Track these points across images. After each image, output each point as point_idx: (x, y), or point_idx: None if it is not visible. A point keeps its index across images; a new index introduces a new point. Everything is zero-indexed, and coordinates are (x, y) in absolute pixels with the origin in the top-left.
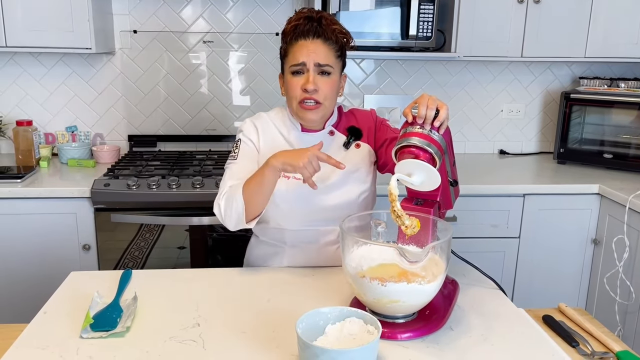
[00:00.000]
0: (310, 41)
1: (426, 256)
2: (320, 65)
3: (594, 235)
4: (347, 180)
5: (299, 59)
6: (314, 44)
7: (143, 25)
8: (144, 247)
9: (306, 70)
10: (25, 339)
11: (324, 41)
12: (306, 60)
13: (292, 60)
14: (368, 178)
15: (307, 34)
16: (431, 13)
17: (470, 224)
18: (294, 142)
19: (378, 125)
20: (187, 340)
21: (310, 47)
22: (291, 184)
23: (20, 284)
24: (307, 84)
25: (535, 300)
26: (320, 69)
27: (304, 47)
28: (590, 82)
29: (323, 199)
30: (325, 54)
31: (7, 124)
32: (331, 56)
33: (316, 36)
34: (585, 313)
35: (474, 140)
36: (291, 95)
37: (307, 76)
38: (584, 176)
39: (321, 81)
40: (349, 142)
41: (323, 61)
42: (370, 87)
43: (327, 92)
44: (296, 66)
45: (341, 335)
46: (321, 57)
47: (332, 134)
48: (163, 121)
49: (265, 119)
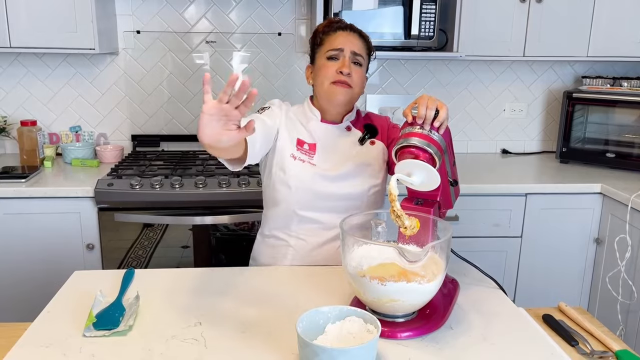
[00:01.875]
0: (347, 32)
1: (425, 256)
2: (355, 54)
3: (596, 235)
4: (360, 173)
5: (337, 45)
6: (351, 35)
7: (146, 25)
8: (148, 246)
9: (342, 56)
10: (28, 337)
11: (359, 36)
12: (344, 46)
13: (330, 46)
14: (380, 174)
15: (345, 28)
16: (433, 12)
17: (472, 224)
18: (313, 131)
19: (390, 127)
20: (189, 339)
21: (348, 37)
22: (305, 167)
23: (24, 283)
24: (344, 67)
25: (537, 299)
26: (355, 57)
27: (342, 36)
28: (592, 81)
29: (335, 187)
30: (360, 45)
31: (11, 124)
32: (364, 49)
33: (352, 30)
34: (585, 312)
35: (476, 140)
36: (324, 76)
37: (344, 61)
38: (587, 175)
39: (354, 69)
40: (364, 138)
41: (359, 51)
42: (372, 87)
43: (358, 80)
44: (334, 51)
45: (341, 334)
46: (357, 47)
47: (349, 129)
48: (166, 121)
49: (289, 106)
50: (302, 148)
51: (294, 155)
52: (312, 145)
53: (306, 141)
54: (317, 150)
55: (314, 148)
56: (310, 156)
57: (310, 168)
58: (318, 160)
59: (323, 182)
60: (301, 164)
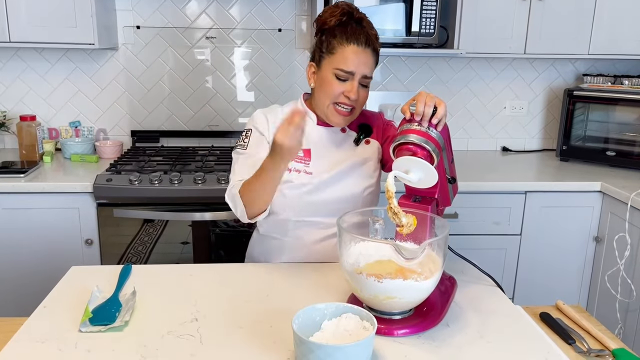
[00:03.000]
0: (362, 49)
1: (422, 253)
2: (366, 77)
3: (596, 233)
4: (353, 174)
5: (350, 66)
6: (365, 53)
7: (146, 21)
8: (148, 242)
9: (352, 79)
10: (24, 332)
11: (372, 52)
12: (356, 70)
13: (341, 64)
14: (375, 174)
15: (360, 41)
16: (434, 9)
17: (472, 221)
18: (307, 135)
19: (385, 125)
20: (185, 335)
21: (362, 58)
22: (301, 178)
23: (23, 278)
24: (351, 92)
25: (536, 297)
26: (364, 80)
27: (357, 56)
28: (593, 79)
29: (329, 191)
30: (371, 66)
31: (11, 119)
32: (373, 67)
33: (367, 45)
34: (582, 310)
35: (477, 137)
36: (328, 94)
37: (353, 85)
38: (587, 174)
39: (361, 92)
40: (360, 138)
41: (369, 73)
42: (373, 84)
43: (362, 101)
44: (344, 72)
45: (337, 331)
46: (369, 70)
47: (344, 131)
48: (166, 117)
49: (278, 112)
50: (296, 156)
51: (289, 169)
52: (307, 151)
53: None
54: (311, 155)
55: (308, 154)
56: (306, 163)
57: (306, 178)
58: (314, 167)
59: (319, 191)
60: (297, 175)
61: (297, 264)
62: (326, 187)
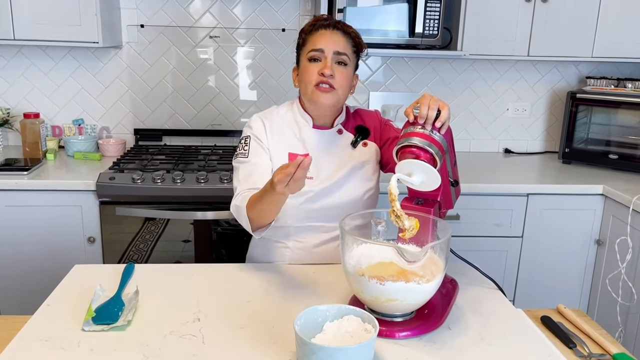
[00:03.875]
0: (330, 31)
1: (424, 256)
2: (338, 53)
3: (598, 236)
4: (352, 178)
5: (318, 45)
6: (334, 34)
7: (150, 19)
8: (150, 239)
9: (324, 57)
10: (28, 330)
11: (343, 34)
12: (325, 47)
13: (311, 46)
14: (374, 176)
15: (327, 26)
16: (438, 10)
17: (473, 223)
18: (305, 139)
19: (382, 125)
20: (187, 335)
21: (329, 36)
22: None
23: (25, 275)
24: (325, 68)
25: (537, 300)
26: (338, 57)
27: (324, 36)
28: (597, 82)
29: (329, 197)
30: (343, 43)
31: (14, 116)
32: (348, 48)
33: (336, 28)
34: (583, 315)
35: (479, 139)
36: (307, 80)
37: (325, 62)
38: (589, 176)
39: (337, 70)
40: (357, 140)
41: (342, 49)
42: (376, 84)
43: (342, 81)
44: (315, 52)
45: (339, 333)
46: (340, 46)
47: (341, 133)
48: (169, 115)
49: (274, 116)
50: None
51: None
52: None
53: (298, 153)
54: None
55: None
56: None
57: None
58: (314, 171)
59: (320, 198)
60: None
61: (299, 265)
62: (327, 194)
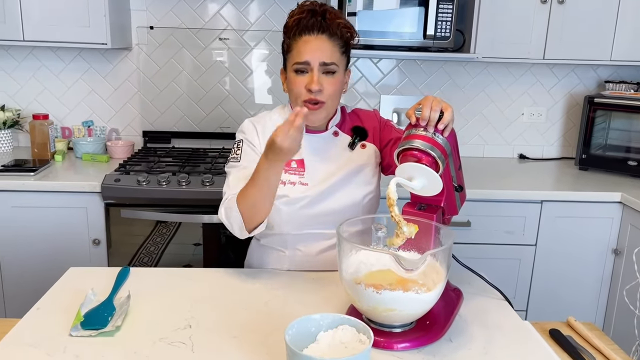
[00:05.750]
0: (314, 37)
1: (423, 264)
2: (325, 64)
3: (615, 246)
4: (351, 181)
5: (303, 57)
6: (319, 40)
7: (160, 21)
8: (160, 242)
9: (310, 69)
10: (15, 335)
11: (329, 37)
12: (310, 59)
13: (296, 57)
14: (373, 179)
15: (312, 29)
16: (450, 13)
17: (484, 230)
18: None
19: (382, 126)
20: (177, 342)
21: (314, 44)
22: (296, 191)
23: (31, 276)
24: (312, 84)
25: (551, 311)
26: (325, 68)
27: (308, 44)
28: (616, 86)
29: (327, 202)
30: (330, 51)
31: (25, 118)
32: (336, 53)
33: (321, 31)
34: (595, 328)
35: (493, 144)
36: (295, 92)
37: (312, 76)
38: (606, 183)
39: (326, 81)
40: (354, 142)
41: (328, 59)
42: (387, 88)
43: (331, 91)
44: (300, 64)
45: (333, 343)
46: (326, 55)
47: (337, 135)
48: (178, 118)
49: (266, 120)
50: (290, 167)
51: (283, 181)
52: (300, 161)
53: (293, 158)
54: (305, 165)
55: (302, 164)
56: (300, 174)
57: (303, 190)
58: (309, 177)
59: (316, 203)
60: (291, 187)
61: (297, 272)
62: (324, 199)
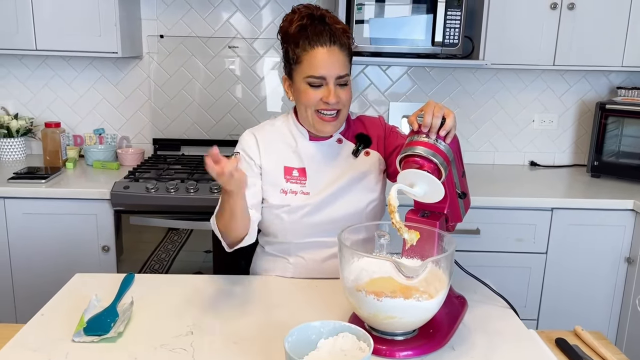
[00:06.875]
0: (327, 49)
1: (423, 271)
2: (340, 77)
3: (628, 254)
4: (354, 189)
5: (319, 71)
6: (332, 53)
7: (170, 30)
8: (172, 249)
9: (326, 83)
10: (18, 340)
11: (340, 48)
12: (326, 74)
13: (309, 70)
14: (377, 187)
15: (322, 41)
16: (458, 19)
17: (495, 238)
18: (301, 152)
19: (387, 132)
20: (178, 349)
21: (329, 59)
22: (298, 200)
23: (41, 282)
24: (330, 97)
25: (562, 320)
26: (339, 80)
27: (323, 58)
28: (628, 92)
29: (328, 210)
30: (343, 63)
31: (37, 126)
32: (347, 63)
33: (332, 43)
34: (602, 337)
35: (504, 151)
36: (306, 102)
37: (329, 89)
38: (619, 191)
39: (341, 92)
40: (358, 149)
41: (343, 72)
42: (396, 95)
43: (346, 100)
44: (315, 79)
45: (333, 350)
46: (341, 69)
47: (340, 142)
48: (188, 125)
49: (268, 129)
50: (291, 176)
51: (284, 190)
52: (301, 170)
53: (294, 167)
54: (307, 174)
55: (304, 173)
56: (302, 183)
57: (304, 199)
58: (311, 186)
59: (318, 212)
60: (293, 197)
61: (300, 279)
62: (326, 206)
